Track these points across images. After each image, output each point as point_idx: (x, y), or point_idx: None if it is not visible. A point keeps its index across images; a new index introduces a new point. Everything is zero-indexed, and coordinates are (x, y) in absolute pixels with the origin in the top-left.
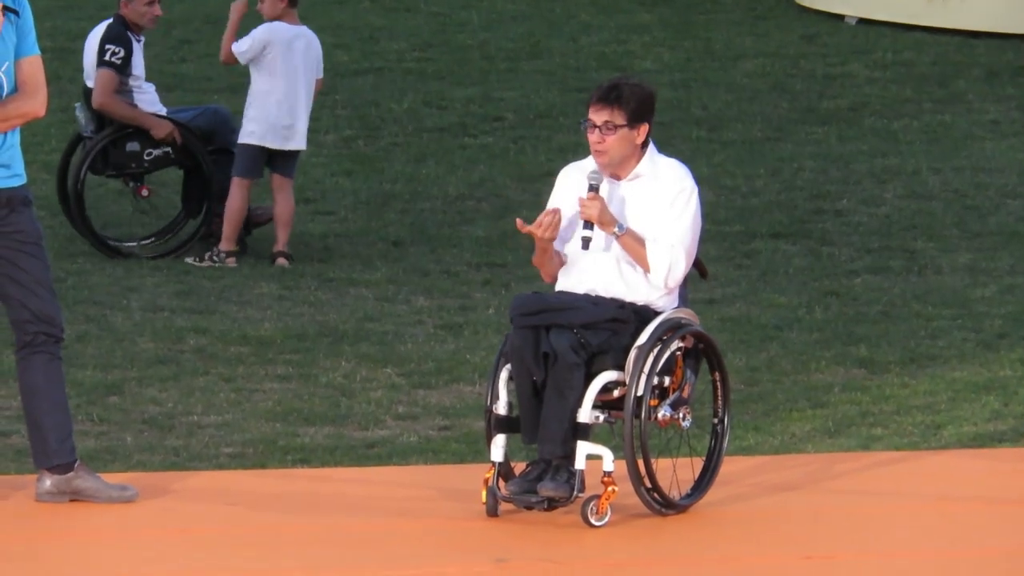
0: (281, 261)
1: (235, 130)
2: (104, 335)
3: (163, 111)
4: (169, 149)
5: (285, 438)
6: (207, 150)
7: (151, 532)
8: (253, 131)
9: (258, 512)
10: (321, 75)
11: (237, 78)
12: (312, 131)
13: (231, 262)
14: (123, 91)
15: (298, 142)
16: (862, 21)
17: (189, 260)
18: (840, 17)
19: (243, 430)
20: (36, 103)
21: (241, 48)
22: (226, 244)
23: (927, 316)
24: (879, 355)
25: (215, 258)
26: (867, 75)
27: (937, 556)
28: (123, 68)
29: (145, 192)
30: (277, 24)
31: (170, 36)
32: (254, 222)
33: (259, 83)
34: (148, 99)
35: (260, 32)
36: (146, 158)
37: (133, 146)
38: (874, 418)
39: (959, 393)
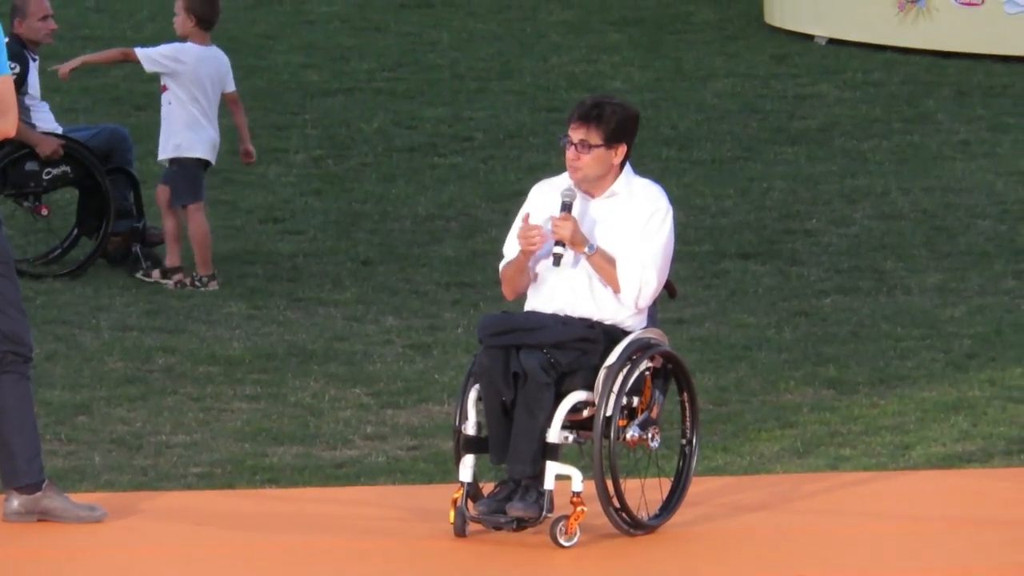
0: (212, 285)
1: (132, 149)
2: (73, 354)
3: (59, 130)
4: (68, 168)
5: (254, 458)
6: (105, 169)
7: (120, 552)
8: (180, 144)
9: (227, 532)
10: (231, 88)
11: None
12: (281, 150)
13: (213, 285)
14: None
15: (213, 156)
16: (832, 41)
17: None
18: (810, 37)
19: (212, 450)
20: (7, 123)
21: (151, 55)
22: (204, 268)
23: (896, 336)
24: (848, 375)
25: (197, 283)
26: (837, 95)
27: None
28: (17, 85)
29: (45, 211)
30: (188, 46)
31: None
32: (148, 241)
33: (175, 99)
34: (44, 117)
35: (169, 48)
36: (44, 177)
37: (32, 165)
38: (843, 438)
39: (928, 413)
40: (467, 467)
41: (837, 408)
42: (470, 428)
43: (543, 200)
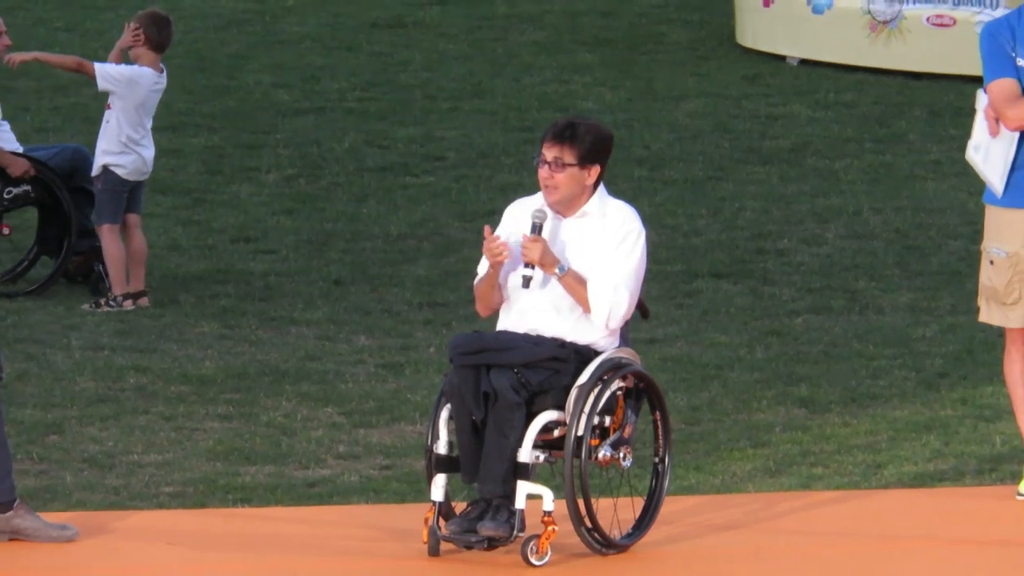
0: (143, 301)
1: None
2: (44, 374)
3: (20, 149)
4: (29, 187)
5: (226, 477)
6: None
7: (91, 572)
8: (111, 163)
9: (199, 552)
10: None
11: (177, 116)
12: (253, 170)
13: (128, 304)
14: None
15: (143, 175)
16: (804, 62)
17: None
18: (782, 58)
19: (184, 469)
20: None
21: (106, 74)
22: (119, 288)
23: (868, 356)
24: (820, 395)
25: (111, 303)
26: (809, 115)
27: None
28: None
29: (7, 231)
30: (145, 71)
31: None
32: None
33: (114, 118)
34: (5, 137)
35: (126, 70)
36: (6, 196)
37: None
38: (815, 457)
39: (900, 432)
40: (439, 486)
41: (809, 427)
42: (442, 447)
43: (516, 220)
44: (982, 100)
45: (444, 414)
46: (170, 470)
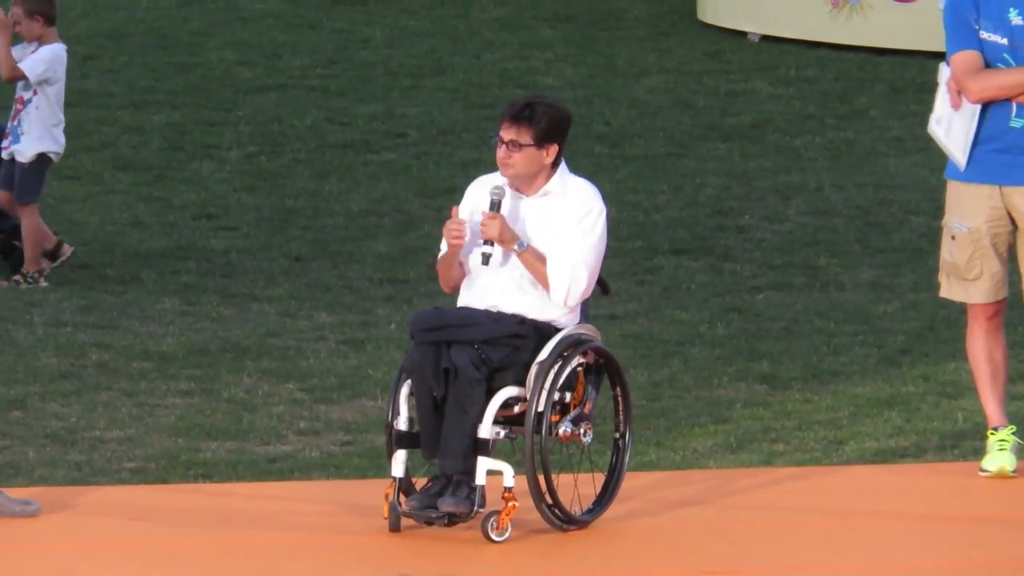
0: (43, 281)
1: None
2: (6, 350)
3: None
4: None
5: (187, 453)
6: None
7: (54, 546)
8: (48, 148)
9: (160, 527)
10: None
11: (138, 94)
12: (214, 147)
13: (44, 282)
14: None
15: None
16: (765, 38)
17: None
18: (743, 34)
19: (145, 445)
20: None
21: (38, 69)
22: (33, 265)
23: (829, 332)
24: (781, 371)
25: (29, 280)
26: (770, 92)
27: (838, 572)
28: None
29: None
30: (58, 50)
31: (74, 53)
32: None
33: (44, 103)
34: None
35: (49, 54)
36: None
37: None
38: (776, 434)
39: (861, 409)
40: (399, 462)
41: (770, 404)
42: (402, 424)
43: (478, 198)
44: (944, 73)
45: (405, 390)
46: (132, 446)
